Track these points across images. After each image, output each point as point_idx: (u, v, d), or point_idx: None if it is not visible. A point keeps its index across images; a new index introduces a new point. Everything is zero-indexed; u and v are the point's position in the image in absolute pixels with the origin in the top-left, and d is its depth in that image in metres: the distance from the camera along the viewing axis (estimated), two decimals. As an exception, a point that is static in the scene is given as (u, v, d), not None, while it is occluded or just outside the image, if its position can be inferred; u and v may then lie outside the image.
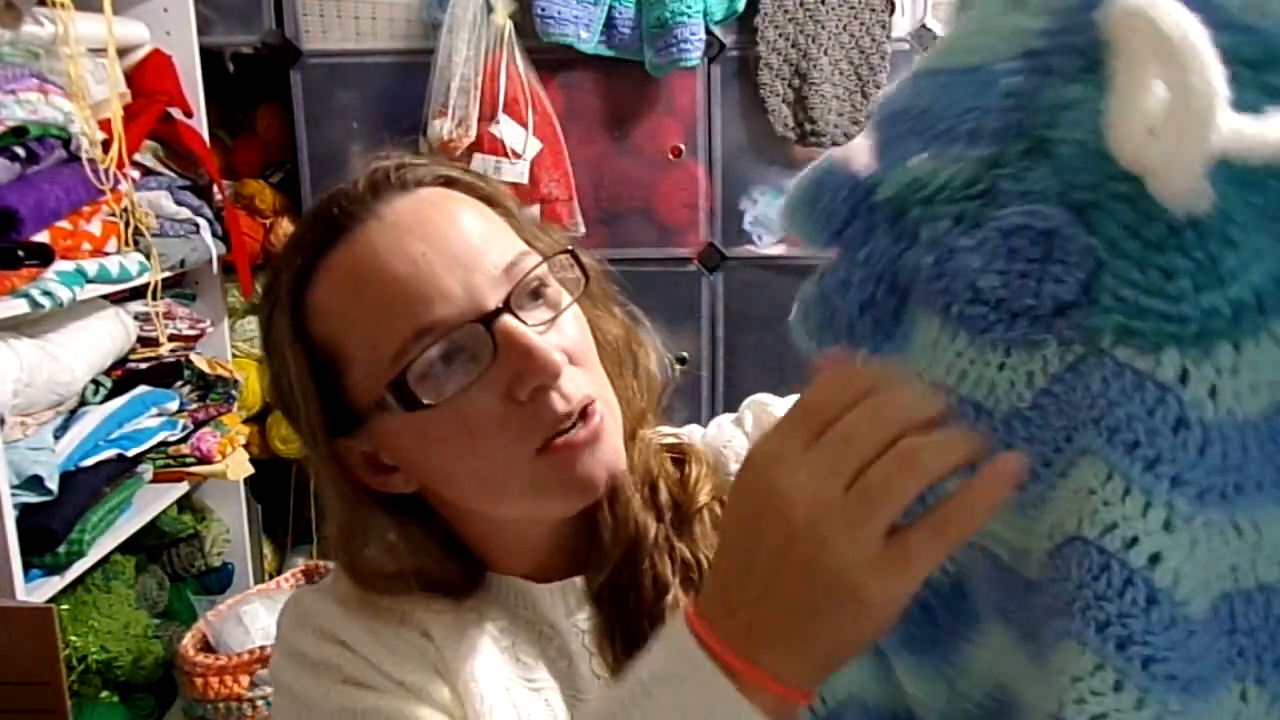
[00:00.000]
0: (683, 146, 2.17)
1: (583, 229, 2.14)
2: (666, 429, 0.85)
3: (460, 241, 0.70)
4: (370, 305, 0.69)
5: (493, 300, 0.69)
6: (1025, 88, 0.47)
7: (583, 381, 0.71)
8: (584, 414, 0.70)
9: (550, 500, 0.72)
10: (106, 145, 1.73)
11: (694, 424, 0.90)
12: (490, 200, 0.75)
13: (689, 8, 2.00)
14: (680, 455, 0.83)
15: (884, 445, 0.47)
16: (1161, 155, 0.43)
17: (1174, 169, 0.43)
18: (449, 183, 0.75)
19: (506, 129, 2.05)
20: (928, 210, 0.49)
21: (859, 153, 0.53)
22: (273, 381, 0.75)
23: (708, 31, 2.06)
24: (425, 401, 0.68)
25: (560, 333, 0.71)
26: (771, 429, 0.50)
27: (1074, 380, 0.47)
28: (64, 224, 1.64)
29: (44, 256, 1.57)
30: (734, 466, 0.82)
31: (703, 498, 0.79)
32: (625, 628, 0.75)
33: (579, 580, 0.77)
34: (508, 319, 0.68)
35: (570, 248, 0.76)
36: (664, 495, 0.78)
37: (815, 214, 0.52)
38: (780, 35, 2.09)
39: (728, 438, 0.86)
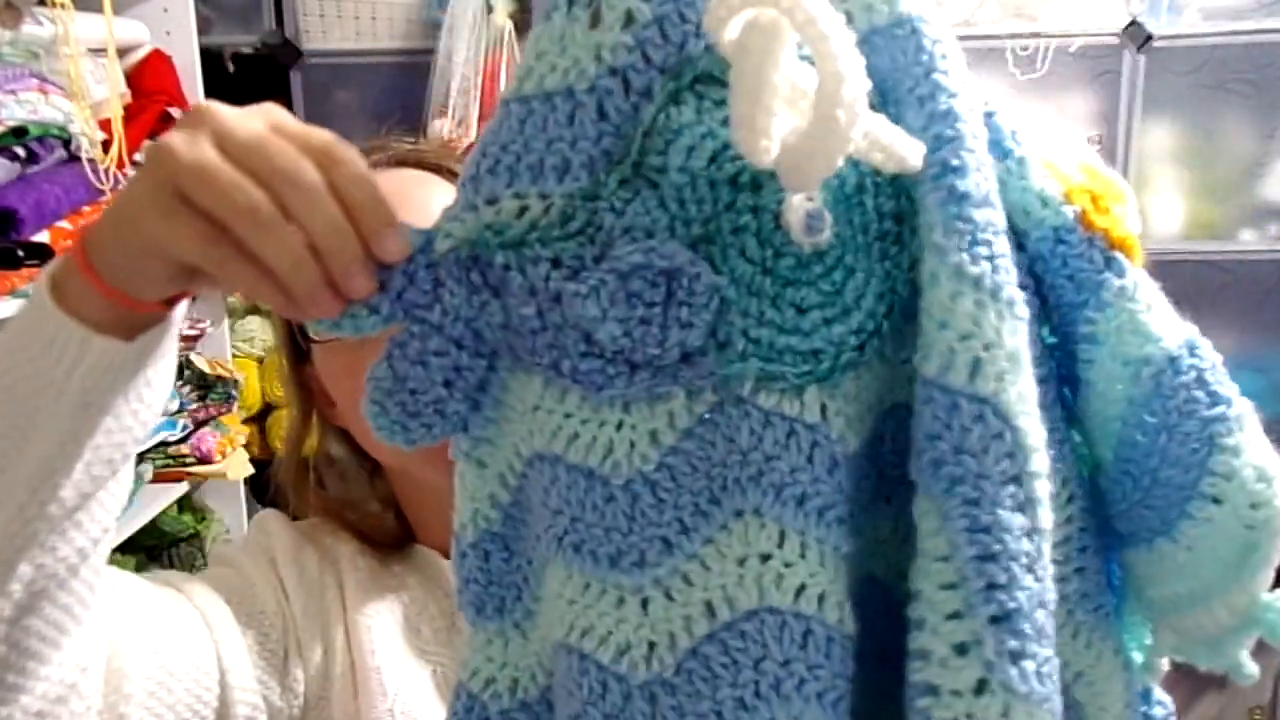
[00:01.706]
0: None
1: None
2: None
3: (416, 221, 0.74)
4: None
5: None
6: (619, 110, 0.42)
7: None
8: None
9: (417, 469, 0.78)
10: (106, 145, 1.73)
11: None
12: None
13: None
14: None
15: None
16: (801, 147, 0.39)
17: (815, 160, 0.39)
18: (437, 170, 0.80)
19: (506, 129, 2.05)
20: (517, 256, 0.44)
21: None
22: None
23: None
24: (311, 336, 0.77)
25: None
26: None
27: (709, 434, 0.43)
28: (64, 224, 1.64)
29: (44, 256, 1.56)
30: None
31: None
32: None
33: None
34: None
35: None
36: None
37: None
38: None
39: None
